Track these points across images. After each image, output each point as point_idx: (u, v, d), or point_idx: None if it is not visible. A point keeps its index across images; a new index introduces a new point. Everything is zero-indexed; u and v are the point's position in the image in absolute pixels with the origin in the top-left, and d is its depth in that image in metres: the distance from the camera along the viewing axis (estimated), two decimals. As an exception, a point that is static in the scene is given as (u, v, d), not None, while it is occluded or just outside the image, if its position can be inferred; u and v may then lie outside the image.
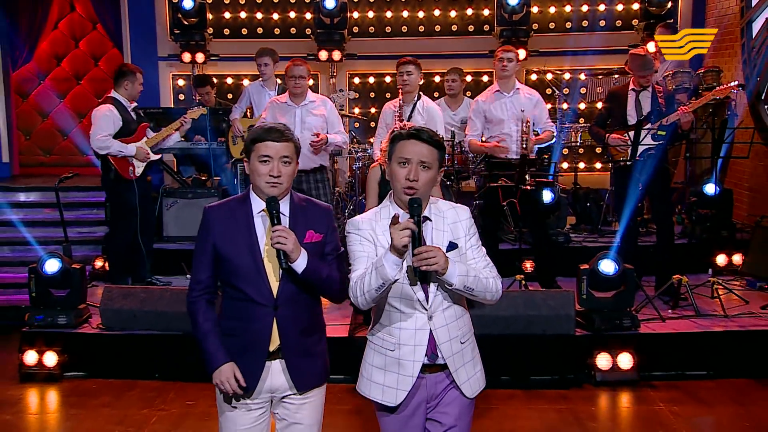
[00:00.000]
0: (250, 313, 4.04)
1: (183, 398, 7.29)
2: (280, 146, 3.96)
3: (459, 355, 3.99)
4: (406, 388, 3.93)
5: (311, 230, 4.06)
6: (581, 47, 12.21)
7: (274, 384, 4.07)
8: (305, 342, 4.11)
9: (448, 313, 3.95)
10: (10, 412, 7.14)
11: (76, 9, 13.41)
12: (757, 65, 9.74)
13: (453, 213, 4.02)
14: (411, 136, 3.87)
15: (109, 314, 7.99)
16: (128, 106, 8.98)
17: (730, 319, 8.01)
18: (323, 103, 8.86)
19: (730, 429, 6.67)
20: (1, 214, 11.06)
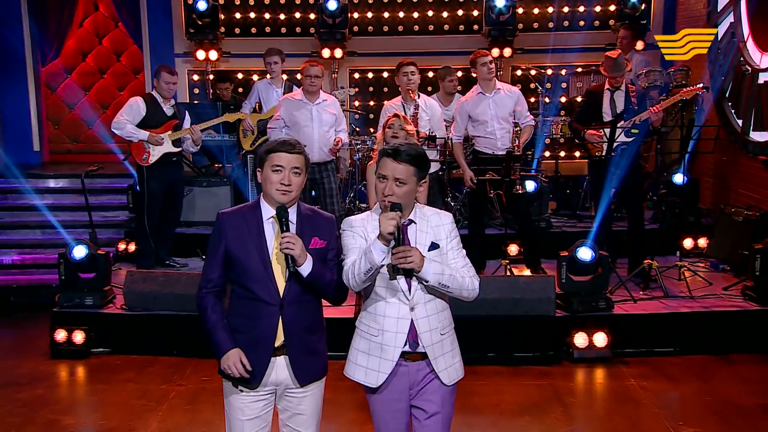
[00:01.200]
0: (258, 311, 4.05)
1: (199, 374, 7.31)
2: (292, 158, 3.99)
3: (439, 345, 4.03)
4: (387, 371, 4.00)
5: (316, 237, 4.09)
6: (563, 45, 12.19)
7: (279, 378, 4.09)
8: (308, 340, 4.14)
9: (430, 306, 4.02)
10: (43, 387, 7.17)
11: (99, 9, 13.35)
12: (723, 66, 9.72)
13: (437, 218, 4.09)
14: (389, 155, 3.94)
15: (131, 296, 8.03)
16: (162, 102, 8.98)
17: (696, 300, 8.04)
18: (333, 103, 8.87)
19: (694, 403, 6.66)
20: (32, 199, 11.10)
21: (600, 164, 8.49)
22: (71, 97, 13.47)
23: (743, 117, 9.28)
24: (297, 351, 4.07)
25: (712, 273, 9.03)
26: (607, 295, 7.78)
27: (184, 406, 6.67)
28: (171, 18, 12.47)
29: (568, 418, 6.40)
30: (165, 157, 8.99)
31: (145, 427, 6.28)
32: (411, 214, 4.04)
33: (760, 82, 8.94)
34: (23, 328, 8.76)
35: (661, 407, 6.54)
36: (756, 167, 9.25)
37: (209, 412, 6.52)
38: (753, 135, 9.05)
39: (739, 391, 6.83)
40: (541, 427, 6.24)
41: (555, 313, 7.65)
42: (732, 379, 7.10)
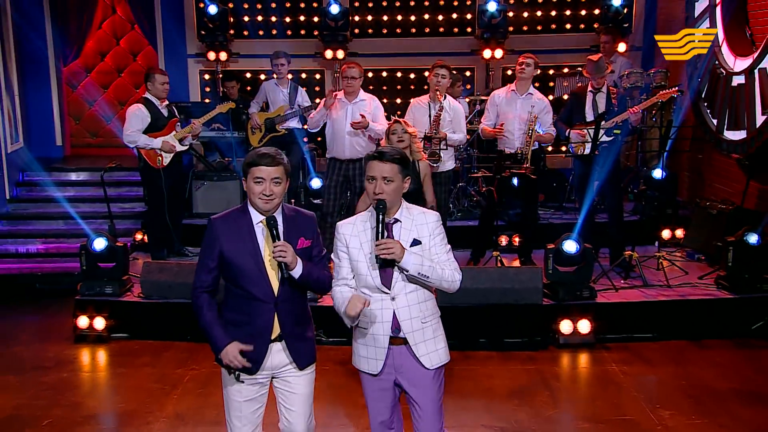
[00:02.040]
0: (254, 308, 4.15)
1: (211, 359, 7.01)
2: (271, 170, 4.04)
3: (420, 332, 4.16)
4: (382, 358, 4.17)
5: (302, 237, 4.19)
6: (551, 47, 12.20)
7: (275, 362, 4.21)
8: (299, 329, 4.28)
9: (411, 297, 4.14)
10: (67, 370, 7.22)
11: (117, 12, 13.29)
12: (699, 68, 9.70)
13: (422, 217, 4.21)
14: (375, 158, 4.11)
15: (148, 285, 8.06)
16: (158, 104, 8.91)
17: (672, 289, 8.08)
18: (371, 101, 8.71)
19: (670, 386, 6.68)
20: (55, 191, 11.11)
21: (583, 161, 8.52)
22: (91, 95, 13.43)
23: (718, 117, 9.29)
24: (291, 339, 4.21)
25: (688, 262, 9.05)
26: (591, 285, 7.81)
27: (198, 389, 6.70)
28: (183, 20, 12.45)
29: (554, 402, 6.42)
30: (176, 157, 9.01)
31: (161, 410, 6.31)
32: (397, 213, 4.17)
33: (733, 84, 8.94)
34: (48, 314, 8.74)
35: (639, 391, 6.57)
36: (730, 163, 9.27)
37: (220, 395, 6.34)
38: (727, 134, 9.06)
39: (711, 375, 6.86)
40: (529, 410, 6.26)
41: (542, 301, 7.68)
42: (705, 364, 7.13)
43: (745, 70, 8.61)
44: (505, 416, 6.12)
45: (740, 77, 8.76)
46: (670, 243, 9.48)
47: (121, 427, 6.06)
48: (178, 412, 6.27)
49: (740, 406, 6.27)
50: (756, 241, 7.83)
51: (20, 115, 11.91)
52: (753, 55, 8.51)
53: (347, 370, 6.95)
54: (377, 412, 4.34)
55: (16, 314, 8.87)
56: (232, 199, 10.36)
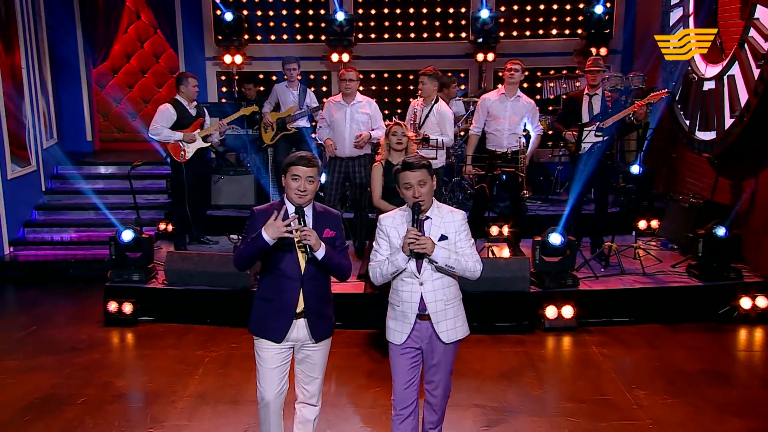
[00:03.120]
0: (283, 285, 4.44)
1: (229, 341, 7.37)
2: (307, 170, 4.35)
3: (442, 312, 4.49)
4: (407, 332, 4.51)
5: (327, 229, 4.48)
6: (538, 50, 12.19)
7: (298, 335, 4.49)
8: (321, 307, 4.55)
9: (437, 283, 4.46)
10: (99, 352, 7.26)
11: (141, 17, 13.25)
12: (674, 73, 9.68)
13: (450, 215, 4.52)
14: (405, 169, 4.42)
15: (171, 273, 8.10)
16: (187, 106, 8.95)
17: (648, 277, 8.11)
18: (368, 103, 8.61)
19: (645, 368, 6.71)
20: (86, 183, 11.14)
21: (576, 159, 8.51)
22: (117, 94, 13.43)
23: (690, 118, 9.27)
24: (313, 315, 4.49)
25: (663, 251, 9.07)
26: (574, 274, 7.85)
27: (217, 370, 6.73)
28: (201, 26, 12.43)
29: (540, 382, 6.45)
30: (197, 152, 9.00)
31: (184, 389, 6.34)
32: (429, 211, 4.49)
33: (705, 89, 8.91)
34: (81, 298, 8.77)
35: (617, 372, 6.60)
36: (701, 160, 9.26)
37: (238, 376, 6.58)
38: (699, 134, 9.05)
39: (683, 357, 6.89)
40: (517, 390, 6.30)
41: (529, 289, 7.72)
42: (677, 346, 7.17)
43: (715, 76, 8.58)
44: (496, 396, 6.16)
45: (711, 83, 8.73)
46: (646, 233, 9.49)
47: (148, 405, 6.08)
48: (199, 391, 6.31)
49: (708, 386, 6.30)
50: (724, 233, 7.86)
51: (54, 114, 11.94)
52: (722, 63, 8.49)
53: (351, 353, 7.07)
54: (401, 379, 4.61)
55: (52, 298, 8.88)
56: (246, 192, 10.39)
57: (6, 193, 9.97)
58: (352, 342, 7.29)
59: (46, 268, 9.74)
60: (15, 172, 10.24)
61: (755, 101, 7.66)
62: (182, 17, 12.42)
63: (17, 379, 6.62)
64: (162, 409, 5.98)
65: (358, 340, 7.35)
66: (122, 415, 5.92)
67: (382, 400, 6.05)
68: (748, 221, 8.31)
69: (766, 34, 7.51)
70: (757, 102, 7.62)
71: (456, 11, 12.37)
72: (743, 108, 7.94)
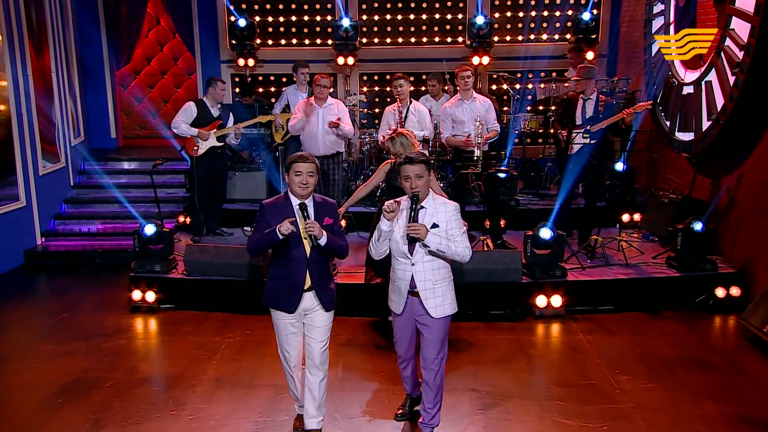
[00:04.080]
0: (292, 267, 4.89)
1: (243, 328, 7.40)
2: (307, 165, 4.81)
3: (431, 291, 4.86)
4: (402, 303, 4.95)
5: (327, 216, 4.93)
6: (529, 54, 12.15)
7: (306, 306, 4.96)
8: (323, 283, 5.00)
9: (427, 265, 4.83)
10: (124, 337, 7.28)
11: (161, 23, 13.26)
12: (656, 77, 9.65)
13: (443, 206, 4.86)
14: (406, 162, 4.77)
15: (190, 264, 8.13)
16: (210, 107, 8.98)
17: (630, 268, 8.13)
18: (337, 105, 8.78)
19: (627, 354, 6.72)
20: (110, 178, 11.17)
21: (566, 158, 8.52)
22: (139, 93, 13.47)
23: (671, 120, 9.25)
24: (318, 290, 4.95)
25: (645, 243, 9.08)
26: (562, 265, 7.86)
27: (233, 356, 6.75)
28: (217, 31, 12.39)
29: (531, 368, 6.48)
30: (210, 149, 9.02)
31: (203, 373, 6.37)
32: (425, 202, 4.81)
33: (684, 93, 8.89)
34: (107, 286, 8.78)
35: (602, 357, 6.62)
36: (680, 159, 9.26)
37: (252, 361, 6.63)
38: (678, 135, 9.04)
39: (662, 344, 6.92)
40: (509, 375, 6.32)
41: (521, 279, 7.73)
42: (657, 333, 7.19)
43: (694, 81, 8.56)
44: (490, 381, 6.18)
45: (690, 87, 8.71)
46: (629, 226, 9.49)
47: (170, 389, 6.10)
48: (216, 376, 6.33)
49: (684, 371, 6.33)
50: (701, 228, 7.88)
51: (81, 114, 11.95)
52: (701, 69, 8.46)
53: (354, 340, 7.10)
54: (401, 341, 5.13)
55: (80, 286, 8.89)
56: (258, 187, 10.41)
57: (38, 188, 10.01)
58: (357, 329, 7.33)
59: (75, 258, 9.75)
60: (46, 169, 10.27)
61: (731, 106, 7.65)
62: (199, 23, 12.39)
63: (51, 363, 6.66)
64: (183, 393, 6.01)
65: (361, 327, 7.39)
66: (147, 398, 5.95)
67: (384, 385, 6.10)
68: (723, 216, 8.33)
69: (741, 44, 7.49)
70: (733, 107, 7.62)
71: (453, 17, 12.34)
72: (720, 112, 7.93)
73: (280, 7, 12.34)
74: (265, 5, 12.35)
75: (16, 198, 9.55)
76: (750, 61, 7.26)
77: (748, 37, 7.31)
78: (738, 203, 8.08)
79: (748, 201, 7.88)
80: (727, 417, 5.55)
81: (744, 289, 7.73)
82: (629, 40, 11.35)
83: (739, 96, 7.49)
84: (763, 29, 7.08)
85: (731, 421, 5.50)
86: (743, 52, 7.43)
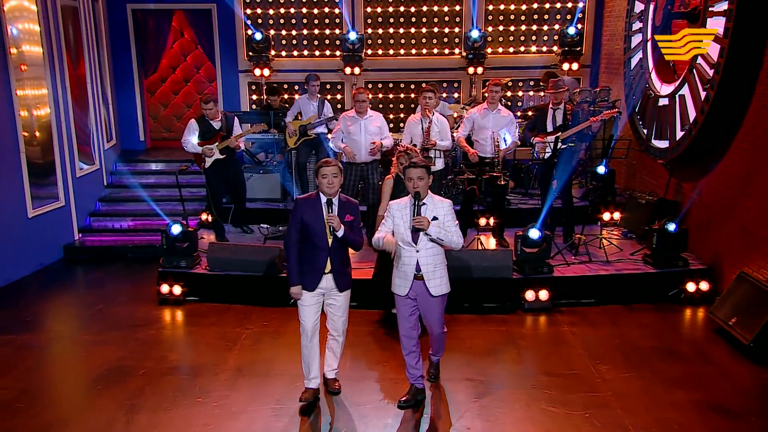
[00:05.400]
0: (316, 253, 5.35)
1: (261, 320, 7.44)
2: (331, 168, 5.24)
3: (431, 273, 5.24)
4: (408, 286, 5.27)
5: (348, 214, 5.35)
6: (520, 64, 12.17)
7: (326, 285, 5.42)
8: (342, 267, 5.45)
9: (429, 252, 5.22)
10: (154, 328, 7.33)
11: (184, 35, 13.23)
12: (634, 88, 9.65)
13: (440, 203, 5.22)
14: (410, 167, 5.16)
15: (212, 260, 8.17)
16: (211, 121, 8.74)
17: (611, 264, 8.14)
18: (377, 116, 8.66)
19: (607, 344, 6.75)
20: (140, 178, 11.21)
21: (544, 164, 8.56)
22: (165, 99, 13.45)
23: (648, 128, 9.24)
24: (337, 273, 5.41)
25: (623, 240, 9.11)
26: (549, 263, 7.88)
27: (252, 346, 6.79)
28: (235, 43, 12.38)
29: (520, 358, 6.52)
30: (216, 161, 8.80)
31: (225, 362, 6.42)
32: (425, 199, 5.15)
33: (659, 104, 8.88)
34: (137, 279, 8.83)
35: (584, 348, 6.66)
36: (656, 164, 9.26)
37: (269, 351, 6.67)
38: (654, 142, 9.03)
39: (638, 335, 6.96)
40: (501, 365, 6.38)
41: (512, 275, 7.77)
42: (634, 325, 7.22)
43: (669, 94, 8.55)
44: (483, 370, 6.22)
45: (665, 99, 8.71)
46: (609, 223, 9.51)
47: (195, 377, 6.15)
48: (237, 365, 6.37)
49: (658, 361, 6.38)
50: (674, 229, 7.91)
51: (113, 119, 11.98)
52: (675, 83, 8.46)
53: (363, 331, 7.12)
54: (404, 322, 5.41)
55: (114, 279, 8.96)
56: (273, 187, 10.44)
57: (75, 188, 10.06)
58: (365, 321, 7.35)
59: (109, 252, 9.81)
60: (82, 171, 10.32)
61: (702, 119, 7.66)
62: (219, 36, 12.38)
63: (89, 351, 6.73)
64: (208, 381, 6.06)
65: (370, 319, 7.42)
66: (175, 385, 6.00)
67: (391, 374, 6.14)
68: (693, 218, 8.36)
69: (711, 63, 7.49)
70: (704, 119, 7.63)
71: (450, 31, 12.31)
72: (692, 123, 7.94)
73: (293, 21, 12.32)
74: (279, 20, 12.33)
75: (56, 198, 9.61)
76: (719, 79, 7.27)
77: (718, 57, 7.32)
78: (707, 206, 8.11)
79: (716, 204, 7.91)
80: (694, 404, 5.60)
81: (712, 284, 7.76)
82: (610, 52, 11.34)
83: (710, 110, 7.51)
84: (732, 51, 7.10)
85: (698, 407, 5.55)
86: (713, 70, 7.43)
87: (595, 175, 9.70)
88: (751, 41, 7.04)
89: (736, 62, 7.15)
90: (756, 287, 6.78)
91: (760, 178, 7.06)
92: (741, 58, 7.13)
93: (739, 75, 7.21)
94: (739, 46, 7.08)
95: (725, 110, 7.46)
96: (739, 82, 7.25)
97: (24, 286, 8.63)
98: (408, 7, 12.26)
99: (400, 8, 12.26)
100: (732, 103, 7.38)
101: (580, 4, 11.94)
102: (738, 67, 7.17)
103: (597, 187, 9.81)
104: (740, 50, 7.09)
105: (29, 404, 5.68)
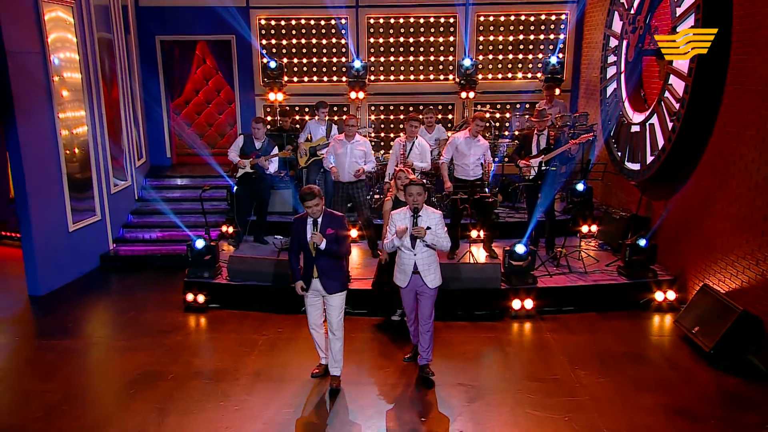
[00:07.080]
0: (307, 262, 5.81)
1: (276, 326, 7.47)
2: (311, 201, 5.64)
3: (427, 270, 5.84)
4: (407, 280, 5.89)
5: (329, 228, 5.70)
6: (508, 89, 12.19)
7: (316, 287, 5.84)
8: (329, 273, 5.81)
9: (425, 254, 5.82)
10: (181, 334, 7.36)
11: (206, 62, 13.24)
12: (610, 115, 9.69)
13: (433, 214, 5.80)
14: (411, 184, 5.74)
15: (232, 271, 8.22)
16: (255, 140, 9.11)
17: (588, 275, 8.18)
18: (364, 142, 8.72)
19: (585, 350, 6.77)
20: (166, 192, 11.27)
21: (529, 185, 8.61)
22: (189, 119, 13.46)
23: (622, 151, 9.27)
24: (324, 278, 5.81)
25: (600, 252, 9.15)
26: (534, 274, 7.92)
27: (268, 351, 6.83)
28: (252, 70, 12.40)
29: (507, 364, 6.54)
30: (245, 174, 9.15)
31: (244, 368, 6.46)
32: (421, 212, 5.71)
33: (632, 131, 8.92)
34: (165, 287, 8.84)
35: (564, 354, 6.69)
36: (629, 183, 9.32)
37: (284, 356, 6.72)
38: (628, 164, 9.06)
39: (612, 341, 6.98)
40: (491, 370, 6.42)
41: (501, 286, 7.80)
42: (608, 331, 7.24)
43: (641, 122, 8.59)
44: (475, 376, 6.25)
45: (637, 126, 8.74)
46: (587, 235, 9.55)
47: (218, 381, 6.18)
48: (255, 370, 6.41)
49: (629, 365, 6.41)
50: (644, 244, 7.98)
51: (143, 139, 12.03)
52: (645, 113, 8.50)
53: (366, 337, 7.16)
54: (406, 304, 6.07)
55: (144, 287, 8.99)
56: (285, 201, 10.44)
57: (110, 203, 10.11)
58: (367, 327, 7.42)
59: (139, 261, 9.83)
60: (116, 187, 10.37)
61: (669, 146, 7.71)
62: (237, 63, 12.40)
63: (123, 356, 6.78)
64: (229, 385, 6.11)
65: (371, 326, 7.47)
66: (200, 389, 6.04)
67: (392, 379, 6.20)
68: (662, 233, 8.41)
69: (677, 97, 7.54)
70: (671, 147, 7.67)
71: (445, 59, 12.34)
72: (660, 150, 7.99)
73: (303, 51, 12.35)
74: (291, 49, 12.36)
75: (93, 211, 9.65)
76: (684, 113, 7.32)
77: (683, 93, 7.37)
78: (674, 222, 8.15)
79: (682, 221, 7.96)
80: (660, 407, 5.65)
81: (679, 293, 7.83)
82: (588, 80, 11.37)
83: (676, 139, 7.55)
84: (695, 88, 7.15)
85: (664, 410, 5.60)
86: (679, 104, 7.48)
87: (574, 192, 9.72)
88: (712, 80, 7.08)
89: (699, 98, 7.20)
90: (717, 300, 6.84)
91: (720, 201, 7.11)
92: (703, 94, 7.17)
93: (701, 109, 7.26)
94: (702, 84, 7.12)
95: (690, 139, 7.50)
96: (702, 115, 7.29)
97: (65, 293, 8.68)
98: (407, 38, 12.28)
99: (400, 39, 12.28)
100: (695, 133, 7.43)
101: (561, 36, 11.97)
102: (701, 102, 7.22)
103: (576, 203, 9.83)
104: (703, 88, 7.14)
105: (72, 407, 5.75)
